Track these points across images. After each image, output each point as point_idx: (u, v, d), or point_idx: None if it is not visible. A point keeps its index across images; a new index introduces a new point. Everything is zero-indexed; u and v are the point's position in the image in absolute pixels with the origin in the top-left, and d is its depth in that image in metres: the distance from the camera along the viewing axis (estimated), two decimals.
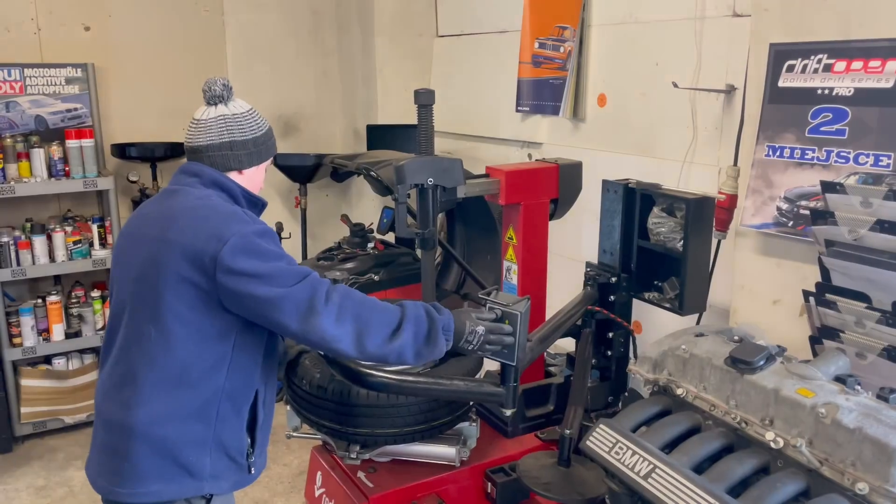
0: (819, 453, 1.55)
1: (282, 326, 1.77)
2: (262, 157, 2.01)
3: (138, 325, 1.83)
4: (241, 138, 1.95)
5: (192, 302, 1.79)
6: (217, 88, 1.94)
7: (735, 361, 1.78)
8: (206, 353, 1.82)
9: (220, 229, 1.77)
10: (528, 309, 1.92)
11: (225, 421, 1.87)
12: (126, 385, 1.84)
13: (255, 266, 1.74)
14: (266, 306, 1.74)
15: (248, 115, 1.98)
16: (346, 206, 5.34)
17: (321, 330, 1.74)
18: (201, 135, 1.94)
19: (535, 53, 3.88)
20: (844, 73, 2.06)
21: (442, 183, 2.47)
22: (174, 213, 1.86)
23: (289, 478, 3.80)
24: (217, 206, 1.87)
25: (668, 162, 3.21)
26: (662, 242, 2.47)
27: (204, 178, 1.93)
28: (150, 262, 1.82)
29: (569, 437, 2.07)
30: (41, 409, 4.16)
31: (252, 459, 1.96)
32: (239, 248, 1.74)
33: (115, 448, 1.85)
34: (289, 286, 1.74)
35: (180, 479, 1.84)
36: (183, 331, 1.80)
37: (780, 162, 2.23)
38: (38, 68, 4.24)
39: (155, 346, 1.81)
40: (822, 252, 2.01)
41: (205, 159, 1.95)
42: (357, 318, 1.77)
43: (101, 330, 4.28)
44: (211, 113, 1.95)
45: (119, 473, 1.83)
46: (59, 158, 4.09)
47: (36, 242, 4.04)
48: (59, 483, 3.79)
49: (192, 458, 1.84)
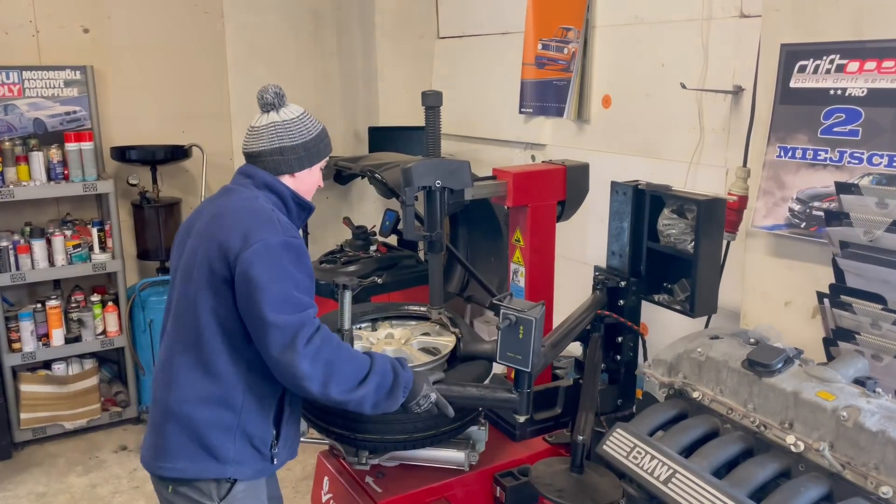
0: (841, 457, 1.54)
1: (261, 347, 1.87)
2: (313, 159, 2.11)
3: (180, 313, 1.99)
4: (291, 143, 2.05)
5: (222, 296, 1.91)
6: (269, 97, 2.04)
7: (752, 364, 1.76)
8: (231, 347, 1.93)
9: (251, 231, 1.88)
10: (543, 315, 1.93)
11: (250, 412, 1.98)
12: (166, 367, 2.01)
13: (266, 277, 1.83)
14: (256, 321, 1.84)
15: (297, 120, 2.07)
16: (346, 208, 5.32)
17: (294, 367, 1.82)
18: (254, 142, 2.06)
19: (539, 55, 3.86)
20: (857, 73, 2.05)
21: (450, 185, 2.45)
22: (221, 210, 2.00)
23: (292, 482, 3.77)
24: (259, 208, 1.96)
25: (674, 163, 3.20)
26: (673, 244, 2.45)
27: (256, 180, 2.05)
28: (192, 254, 1.97)
29: (582, 443, 2.05)
30: (41, 415, 4.12)
31: (276, 451, 2.05)
32: (260, 254, 1.84)
33: (156, 425, 2.03)
34: (285, 314, 1.82)
35: (205, 460, 1.96)
36: (213, 323, 1.92)
37: (792, 163, 2.22)
38: (36, 71, 4.20)
39: (189, 335, 1.95)
40: (837, 253, 2.00)
41: (259, 164, 2.06)
42: (329, 365, 1.86)
43: (101, 335, 4.24)
44: (263, 120, 2.06)
45: (156, 448, 2.01)
46: (58, 162, 4.06)
47: (35, 246, 4.00)
48: (60, 490, 3.76)
49: (215, 442, 1.95)
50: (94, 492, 3.74)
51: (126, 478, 3.84)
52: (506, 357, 2.00)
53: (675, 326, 2.95)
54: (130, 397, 4.34)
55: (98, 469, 3.94)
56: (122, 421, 4.36)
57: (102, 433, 4.28)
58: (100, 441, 4.22)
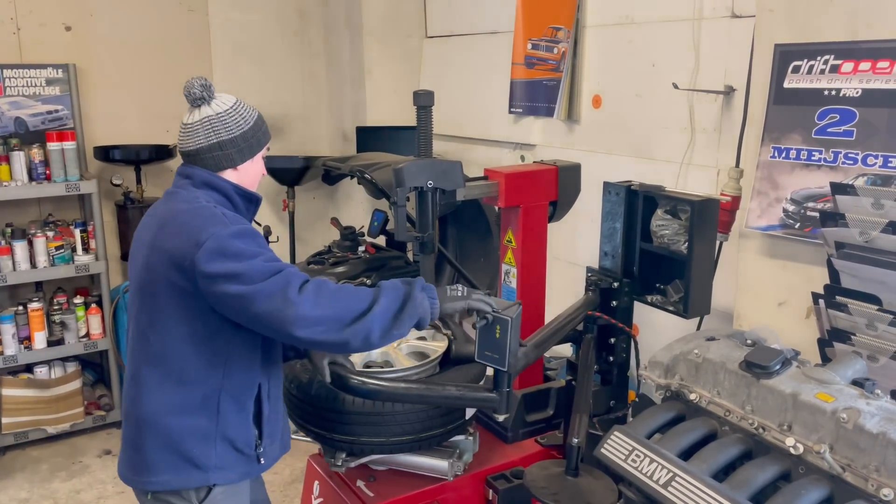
0: (841, 459, 1.53)
1: (260, 321, 1.77)
2: (253, 149, 2.02)
3: (141, 327, 1.93)
4: (229, 137, 1.96)
5: (183, 304, 1.85)
6: (196, 91, 1.95)
7: (750, 366, 1.75)
8: (201, 353, 1.88)
9: (197, 233, 1.80)
10: (520, 315, 1.90)
11: (228, 416, 1.94)
12: (135, 382, 1.95)
13: (228, 267, 1.76)
14: (241, 303, 1.76)
15: (232, 111, 1.98)
16: (334, 208, 5.28)
17: (300, 314, 1.72)
18: (190, 139, 1.97)
19: (529, 55, 3.85)
20: (852, 73, 2.05)
21: (442, 186, 2.43)
22: (164, 217, 1.93)
23: (280, 486, 3.73)
24: (199, 209, 1.89)
25: (664, 164, 3.19)
26: (666, 245, 2.44)
27: (195, 180, 1.97)
28: (146, 268, 1.91)
29: (577, 447, 2.03)
30: (23, 420, 4.05)
31: (261, 450, 2.02)
32: (213, 250, 1.77)
33: (132, 440, 1.98)
34: (260, 281, 1.74)
35: (188, 471, 1.93)
36: (178, 333, 1.87)
37: (786, 163, 2.21)
38: (17, 69, 4.13)
39: (154, 348, 1.90)
40: (832, 254, 1.99)
41: (198, 162, 1.97)
42: (334, 301, 1.77)
43: (84, 337, 4.18)
44: (195, 116, 1.97)
45: (135, 463, 1.97)
46: (39, 161, 3.99)
47: (16, 248, 3.93)
48: (44, 496, 3.69)
49: (196, 451, 1.92)
50: (78, 497, 3.68)
51: (110, 483, 3.78)
52: (484, 356, 1.97)
53: (667, 327, 2.94)
54: (114, 401, 4.28)
55: (82, 474, 3.87)
56: (105, 425, 4.29)
57: (86, 437, 4.22)
58: (83, 445, 4.15)
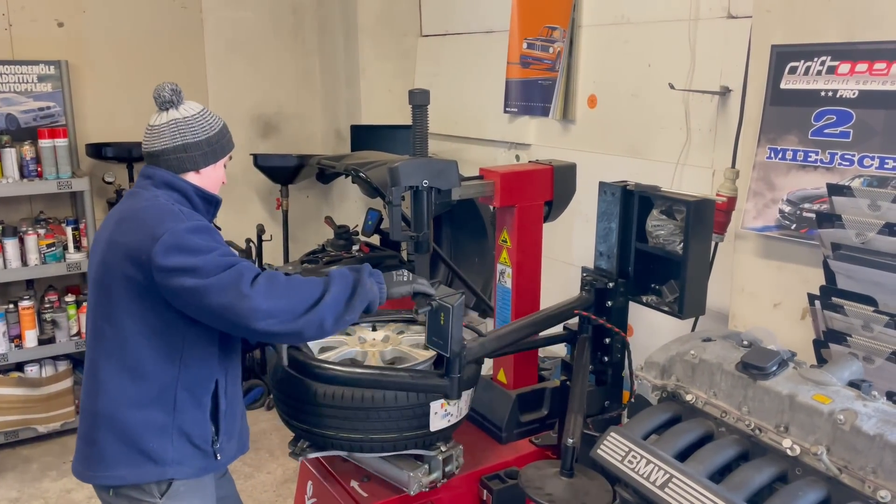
0: (838, 461, 1.53)
1: (214, 314, 1.81)
2: (217, 155, 2.09)
3: (98, 322, 1.97)
4: (194, 140, 2.02)
5: (138, 299, 1.89)
6: (166, 94, 2.00)
7: (747, 367, 1.75)
8: (156, 347, 1.92)
9: (154, 228, 1.86)
10: (462, 304, 2.01)
11: (184, 410, 1.97)
12: (92, 376, 1.99)
13: (183, 261, 1.81)
14: (196, 297, 1.80)
15: (199, 116, 2.05)
16: (327, 207, 5.26)
17: (253, 307, 1.77)
18: (156, 140, 2.02)
19: (524, 54, 3.84)
20: (849, 75, 2.05)
21: (437, 185, 2.42)
22: (123, 214, 1.98)
23: (273, 486, 3.71)
24: (158, 205, 1.94)
25: (660, 164, 3.19)
26: (662, 245, 2.43)
27: (155, 180, 2.02)
28: (102, 264, 1.96)
29: (572, 447, 2.02)
30: (13, 418, 4.02)
31: (217, 446, 2.04)
32: (170, 244, 1.82)
33: (87, 435, 2.01)
34: (215, 275, 1.80)
35: (144, 465, 1.95)
36: (133, 326, 1.91)
37: (783, 164, 2.21)
38: (9, 65, 4.10)
39: (110, 342, 1.94)
40: (828, 255, 1.99)
41: (162, 163, 2.02)
42: (286, 294, 1.82)
43: (76, 336, 4.15)
44: (163, 118, 2.02)
45: (90, 458, 2.00)
46: (31, 158, 3.96)
47: (7, 245, 3.90)
48: (34, 495, 3.66)
49: (152, 445, 1.95)
50: (68, 497, 3.65)
51: None
52: (432, 342, 2.07)
53: (662, 328, 2.95)
54: None
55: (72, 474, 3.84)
56: None
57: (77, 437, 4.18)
58: (74, 445, 4.10)
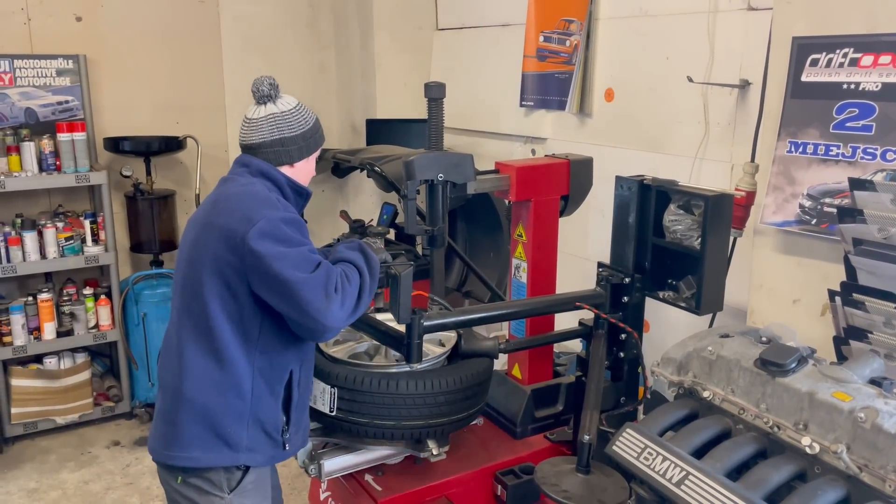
0: (858, 459, 1.51)
1: (295, 307, 1.86)
2: (311, 149, 2.13)
3: (187, 301, 1.99)
4: (291, 134, 2.07)
5: (227, 282, 1.92)
6: (265, 88, 2.05)
7: (765, 363, 1.72)
8: (238, 333, 1.95)
9: (251, 212, 1.90)
10: (410, 273, 2.08)
11: (260, 398, 2.00)
12: (176, 356, 2.00)
13: (276, 249, 1.85)
14: (286, 287, 1.84)
15: (295, 111, 2.08)
16: (343, 201, 5.26)
17: (332, 313, 1.86)
18: (254, 133, 2.06)
19: (541, 47, 3.82)
20: (871, 67, 2.01)
21: (452, 179, 2.41)
22: (220, 198, 2.02)
23: (288, 479, 3.72)
24: (256, 192, 1.98)
25: (677, 158, 3.16)
26: (679, 240, 2.41)
27: (252, 168, 2.06)
28: (195, 244, 1.99)
29: (588, 444, 2.01)
30: (32, 410, 4.06)
31: (287, 436, 2.07)
32: (266, 231, 1.86)
33: (167, 414, 2.02)
34: (307, 271, 1.85)
35: (219, 449, 1.97)
36: (219, 310, 1.93)
37: (803, 158, 2.18)
38: (28, 59, 4.12)
39: (197, 322, 1.96)
40: (849, 251, 1.96)
41: (259, 155, 2.07)
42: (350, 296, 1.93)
43: (94, 328, 4.18)
44: (261, 112, 2.06)
45: (168, 437, 2.01)
46: (50, 152, 3.98)
47: (26, 238, 3.93)
48: (52, 486, 3.70)
49: (230, 430, 1.97)
50: (86, 488, 3.68)
51: (119, 474, 3.78)
52: (389, 309, 2.15)
53: (679, 324, 2.92)
54: (123, 392, 4.28)
55: (91, 465, 3.88)
56: (114, 416, 4.30)
57: (95, 428, 4.22)
58: (92, 436, 4.16)
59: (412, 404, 2.25)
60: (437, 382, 2.26)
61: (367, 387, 2.22)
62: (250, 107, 2.08)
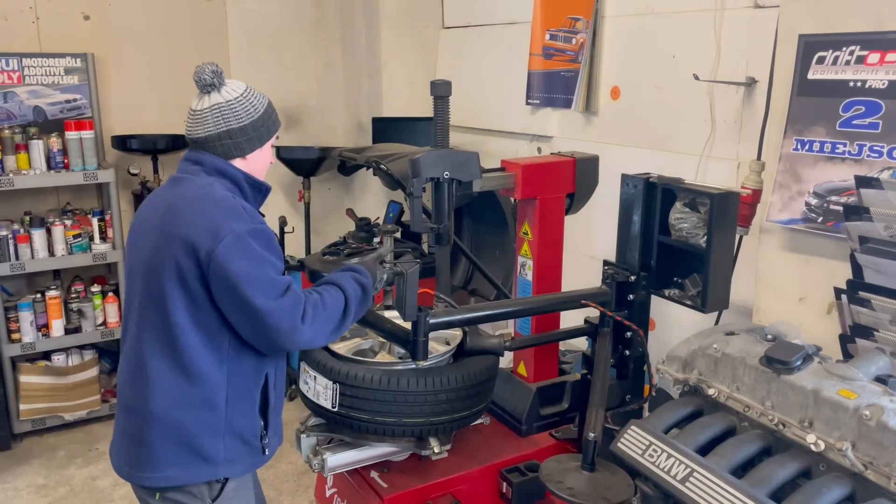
0: (863, 456, 1.51)
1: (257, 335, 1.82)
2: (262, 139, 1.99)
3: (148, 314, 1.87)
4: (239, 125, 1.93)
5: (192, 293, 1.81)
6: (206, 77, 1.91)
7: (771, 361, 1.73)
8: (209, 343, 1.85)
9: (217, 225, 1.79)
10: (416, 271, 2.09)
11: (235, 407, 1.91)
12: (140, 373, 1.88)
13: (246, 269, 1.76)
14: (253, 314, 1.77)
15: (242, 99, 1.94)
16: (349, 199, 5.28)
17: (300, 339, 1.81)
18: (199, 127, 1.93)
19: (547, 45, 3.81)
20: (878, 65, 2.01)
21: (458, 177, 2.42)
22: (177, 203, 1.87)
23: (294, 475, 3.74)
24: (219, 199, 1.86)
25: (683, 156, 3.15)
26: (685, 238, 2.41)
27: (206, 167, 1.93)
28: (155, 253, 1.85)
29: (593, 441, 2.01)
30: (40, 406, 4.08)
31: (266, 441, 2.01)
32: (234, 248, 1.77)
33: (134, 434, 1.91)
34: (275, 297, 1.78)
35: (196, 466, 1.88)
36: (186, 322, 1.82)
37: (809, 156, 2.18)
38: (36, 58, 4.15)
39: (161, 337, 1.85)
40: (856, 248, 1.96)
41: (208, 149, 1.94)
42: (324, 320, 1.86)
43: (102, 325, 4.21)
44: (205, 102, 1.93)
45: (139, 459, 1.90)
46: (58, 150, 4.00)
47: (35, 236, 3.96)
48: (60, 482, 3.72)
49: (205, 445, 1.88)
50: (94, 484, 3.70)
51: None
52: (397, 307, 2.15)
53: (683, 322, 2.92)
54: None
55: (98, 461, 3.90)
56: None
57: (102, 425, 4.24)
58: (100, 433, 4.18)
59: (413, 401, 2.25)
60: (439, 380, 2.26)
61: (367, 383, 2.22)
62: (194, 97, 1.95)
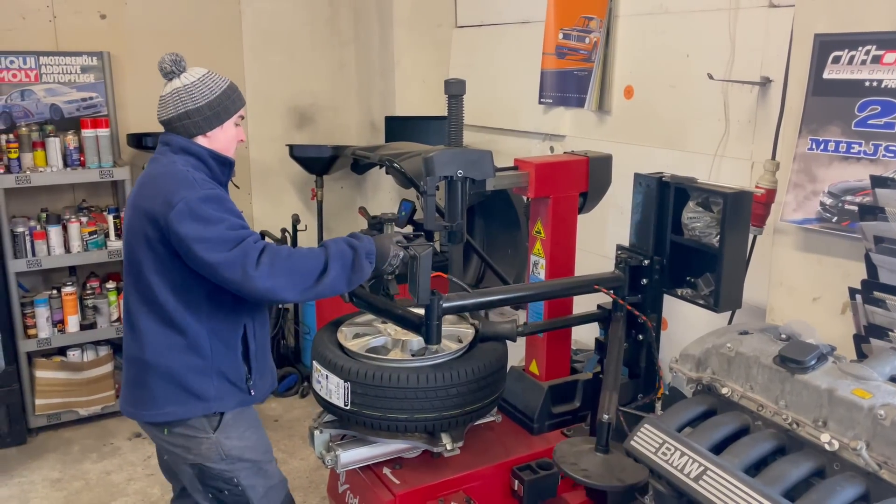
0: (877, 456, 1.50)
1: (225, 284, 2.02)
2: (220, 117, 2.20)
3: (132, 280, 2.18)
4: (195, 106, 2.15)
5: (160, 258, 2.08)
6: (166, 66, 2.16)
7: (785, 360, 1.72)
8: (182, 300, 2.12)
9: (170, 194, 2.02)
10: (430, 254, 2.12)
11: (218, 353, 2.19)
12: (133, 328, 2.20)
13: (196, 230, 1.98)
14: (207, 269, 2.00)
15: (199, 83, 2.16)
16: (361, 198, 5.29)
17: (257, 290, 1.99)
18: (162, 110, 2.18)
19: (560, 44, 3.81)
20: (894, 64, 2.00)
21: (471, 175, 2.43)
22: (146, 180, 2.16)
23: (306, 472, 3.76)
24: (176, 172, 2.09)
25: (697, 155, 3.15)
26: (698, 238, 2.41)
27: (173, 146, 2.18)
28: (130, 227, 2.16)
29: (607, 423, 2.00)
30: (56, 401, 4.13)
31: (251, 384, 2.27)
32: (184, 213, 1.99)
33: (136, 380, 2.22)
34: (225, 251, 1.97)
35: (192, 402, 2.18)
36: (159, 282, 2.10)
37: (824, 156, 2.17)
38: (53, 56, 4.19)
39: (145, 296, 2.14)
40: (871, 248, 1.95)
41: (173, 130, 2.18)
42: (287, 273, 2.00)
43: (116, 322, 4.25)
44: (167, 88, 2.17)
45: (143, 399, 2.22)
46: (74, 148, 4.05)
47: (51, 233, 4.00)
48: (75, 476, 3.76)
49: (195, 385, 2.17)
50: (108, 478, 3.74)
51: (141, 465, 3.84)
52: (411, 291, 2.15)
53: (695, 322, 2.91)
54: None
55: (113, 456, 3.94)
56: None
57: (117, 420, 4.28)
58: (114, 428, 4.22)
59: (424, 397, 2.28)
60: (449, 374, 2.27)
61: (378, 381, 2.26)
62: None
